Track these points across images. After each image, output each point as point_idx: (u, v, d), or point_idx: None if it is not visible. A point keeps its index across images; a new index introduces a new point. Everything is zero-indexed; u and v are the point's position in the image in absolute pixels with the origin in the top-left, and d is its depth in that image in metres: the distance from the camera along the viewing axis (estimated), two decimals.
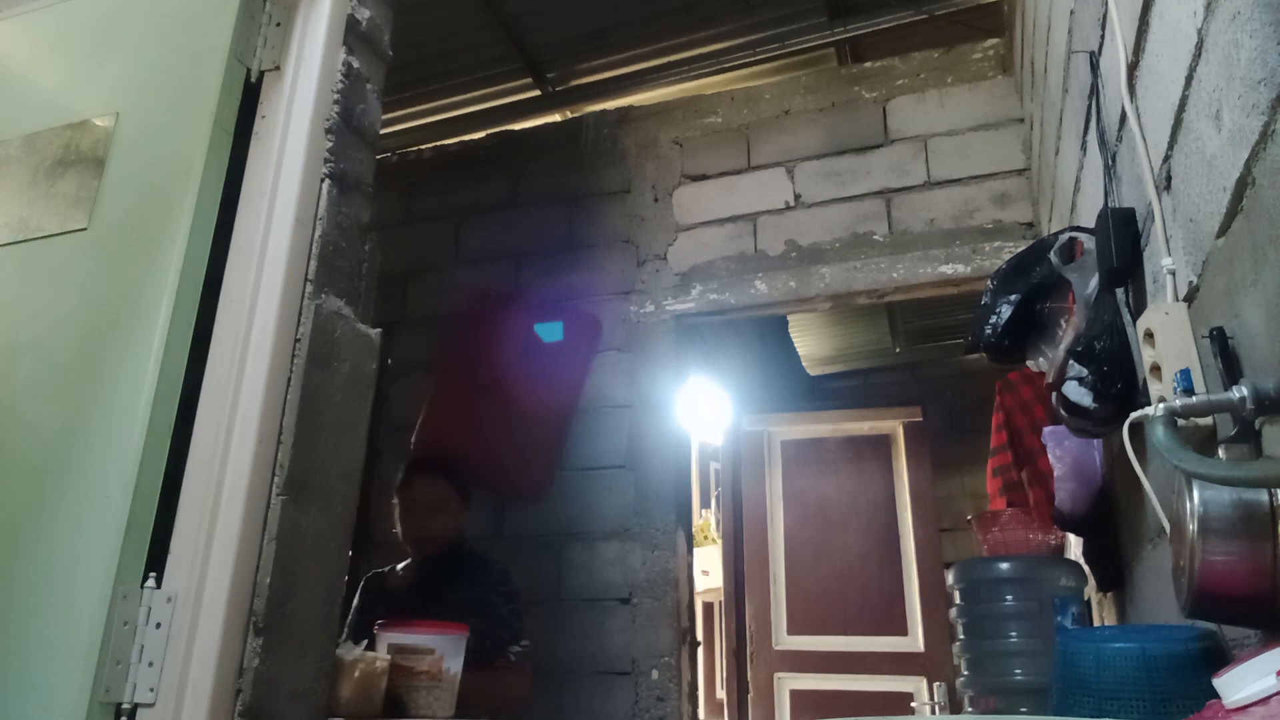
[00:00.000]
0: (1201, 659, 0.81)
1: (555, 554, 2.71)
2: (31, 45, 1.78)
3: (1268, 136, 0.71)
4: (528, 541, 2.76)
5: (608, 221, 3.03)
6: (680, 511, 2.68)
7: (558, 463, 2.77)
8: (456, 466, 2.39)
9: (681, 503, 2.70)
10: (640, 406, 2.76)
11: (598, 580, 2.64)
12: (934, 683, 3.72)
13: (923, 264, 2.59)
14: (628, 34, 2.93)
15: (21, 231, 1.55)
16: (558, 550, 2.72)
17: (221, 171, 1.48)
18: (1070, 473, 1.66)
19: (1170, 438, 0.71)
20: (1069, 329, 1.31)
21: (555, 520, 2.74)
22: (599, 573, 2.64)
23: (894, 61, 2.83)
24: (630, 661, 2.55)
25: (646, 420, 2.74)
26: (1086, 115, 1.46)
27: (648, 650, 2.54)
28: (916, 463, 4.15)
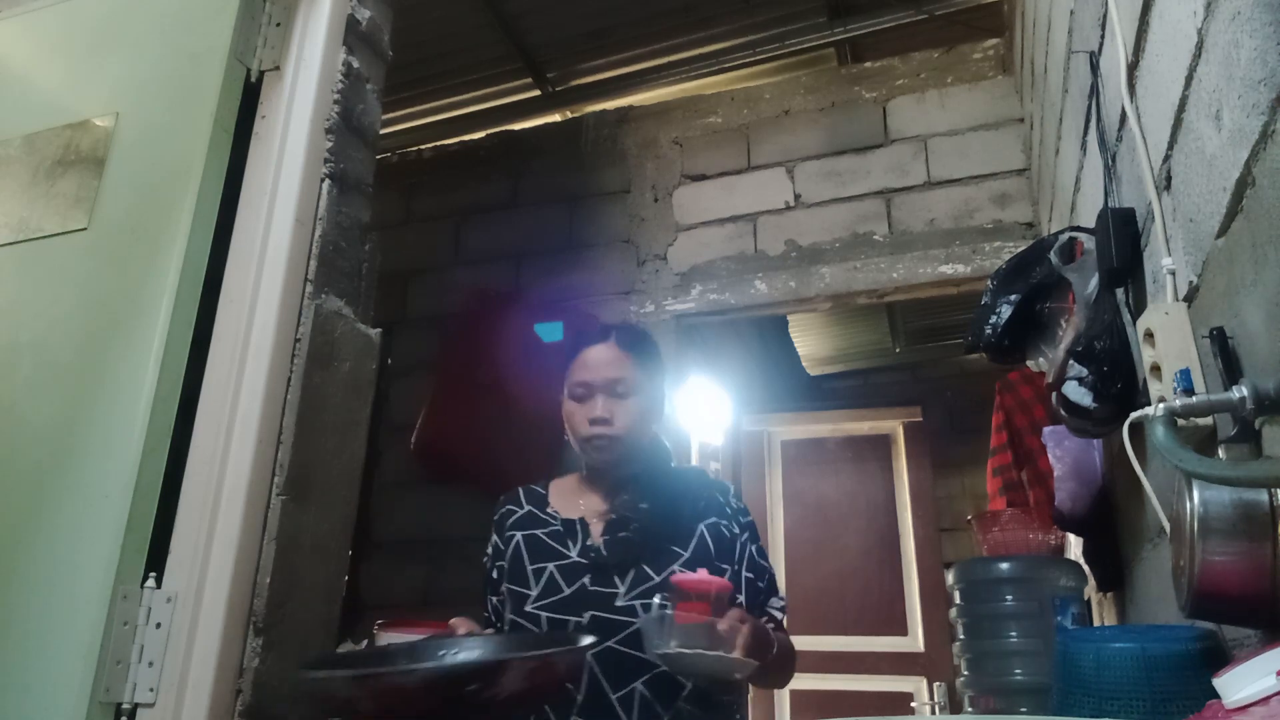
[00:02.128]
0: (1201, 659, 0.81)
1: None
2: (31, 45, 1.78)
3: (1268, 136, 0.71)
4: None
5: (608, 221, 3.02)
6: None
7: (557, 463, 2.76)
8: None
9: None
10: None
11: None
12: (934, 683, 3.72)
13: (923, 264, 2.59)
14: (628, 34, 2.93)
15: (21, 231, 1.56)
16: None
17: (221, 171, 1.48)
18: (1070, 473, 1.66)
19: (1170, 438, 0.71)
20: (1069, 329, 1.31)
21: None
22: None
23: (894, 61, 2.83)
24: None
25: None
26: (1086, 115, 1.46)
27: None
28: (916, 463, 4.15)
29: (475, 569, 1.52)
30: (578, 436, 1.38)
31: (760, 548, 1.42)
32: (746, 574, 1.36)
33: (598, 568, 1.30)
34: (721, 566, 1.32)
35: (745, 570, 1.36)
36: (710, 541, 1.35)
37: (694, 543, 1.34)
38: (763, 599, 1.38)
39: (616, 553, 1.31)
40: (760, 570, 1.39)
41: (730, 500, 1.43)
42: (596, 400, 1.36)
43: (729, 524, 1.39)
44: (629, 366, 1.39)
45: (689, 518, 1.36)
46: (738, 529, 1.39)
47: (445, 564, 2.91)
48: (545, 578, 1.32)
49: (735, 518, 1.41)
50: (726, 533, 1.37)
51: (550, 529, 1.38)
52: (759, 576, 1.39)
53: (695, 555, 1.32)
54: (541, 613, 1.28)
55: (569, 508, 1.41)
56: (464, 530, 2.70)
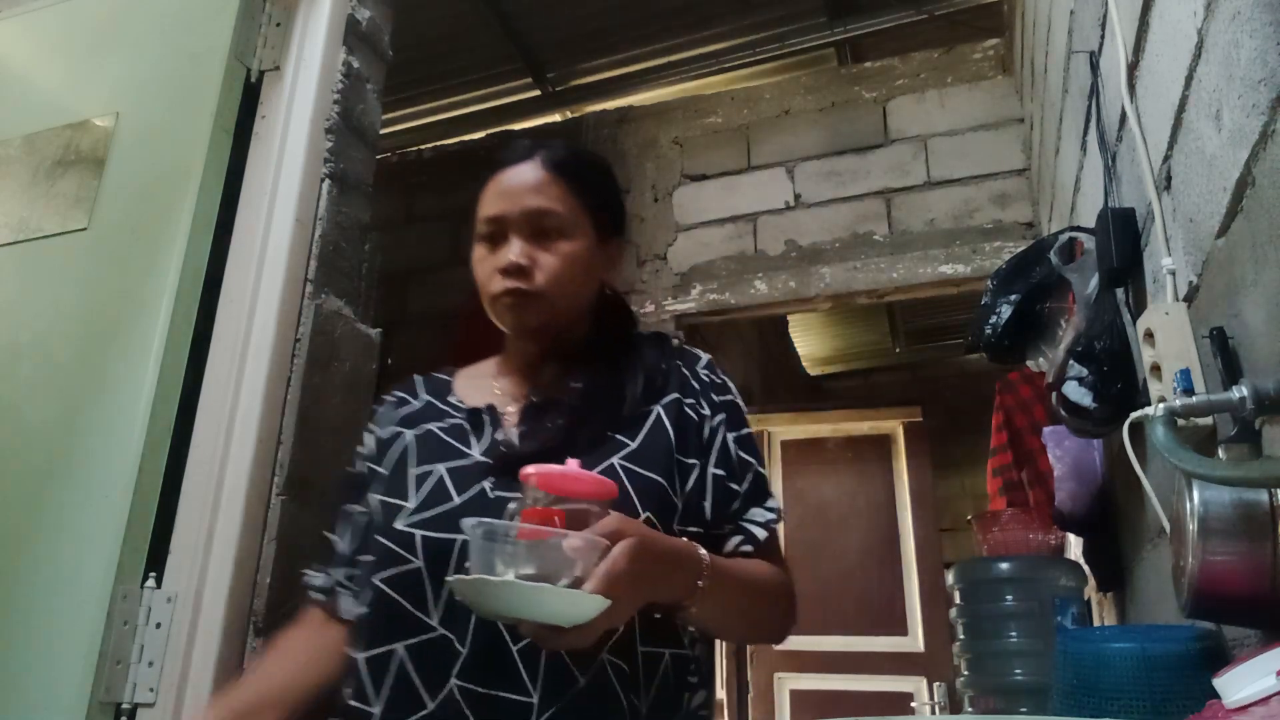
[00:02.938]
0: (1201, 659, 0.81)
1: None
2: (31, 45, 1.78)
3: (1268, 136, 0.71)
4: None
5: None
6: None
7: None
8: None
9: None
10: None
11: None
12: (934, 683, 3.71)
13: (923, 264, 2.59)
14: (628, 34, 2.94)
15: (21, 231, 1.56)
16: None
17: (221, 171, 1.48)
18: (1070, 473, 1.66)
19: (1170, 438, 0.71)
20: (1069, 329, 1.31)
21: None
22: None
23: (894, 61, 2.83)
24: None
25: None
26: (1086, 115, 1.46)
27: None
28: (916, 463, 4.15)
29: None
30: (486, 295, 1.00)
31: (744, 437, 1.02)
32: (715, 471, 0.97)
33: (507, 467, 0.89)
34: (688, 461, 0.95)
35: (714, 466, 0.97)
36: (670, 428, 0.96)
37: (645, 431, 0.95)
38: (738, 507, 0.97)
39: (534, 444, 0.93)
40: (737, 466, 0.99)
41: (701, 372, 1.04)
42: (511, 242, 0.97)
43: (697, 403, 1.00)
44: (561, 196, 0.99)
45: (640, 397, 0.98)
46: (708, 409, 1.00)
47: None
48: (430, 484, 0.93)
49: (706, 394, 1.02)
50: (693, 415, 0.99)
51: (450, 423, 1.00)
52: (734, 475, 0.98)
53: (646, 447, 0.94)
54: (417, 531, 0.89)
55: (479, 394, 1.03)
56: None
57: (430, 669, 0.86)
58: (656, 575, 0.80)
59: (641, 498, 0.89)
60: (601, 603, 0.71)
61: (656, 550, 0.80)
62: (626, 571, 0.73)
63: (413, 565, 0.89)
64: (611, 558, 0.73)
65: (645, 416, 0.97)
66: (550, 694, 0.84)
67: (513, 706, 0.84)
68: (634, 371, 1.01)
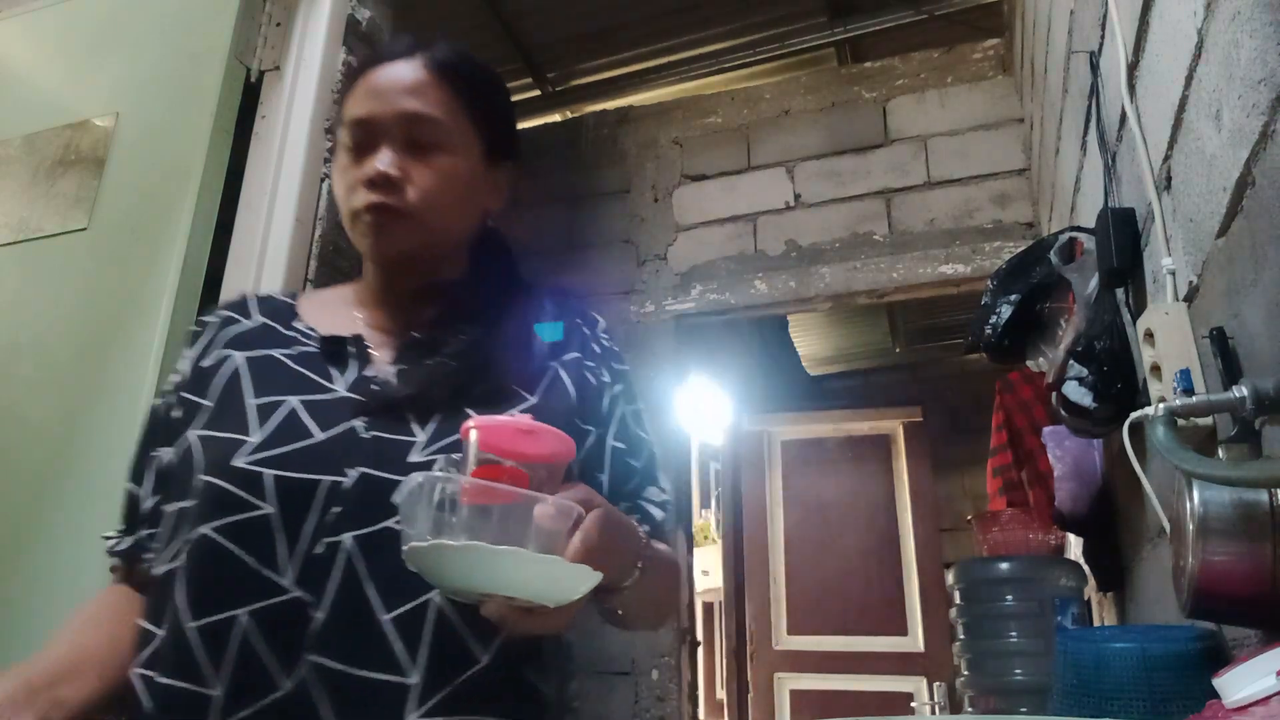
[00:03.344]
0: (1201, 659, 0.81)
1: None
2: (31, 45, 1.78)
3: (1268, 136, 0.71)
4: None
5: (608, 221, 3.02)
6: (680, 511, 2.68)
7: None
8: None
9: (681, 503, 2.70)
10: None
11: None
12: (934, 683, 3.72)
13: (923, 264, 2.59)
14: (628, 34, 2.94)
15: (21, 231, 1.56)
16: None
17: (221, 171, 1.48)
18: (1070, 473, 1.66)
19: (1170, 438, 0.71)
20: (1069, 329, 1.31)
21: None
22: None
23: (894, 61, 2.83)
24: (630, 661, 2.55)
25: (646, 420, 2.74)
26: (1086, 115, 1.46)
27: (648, 650, 2.54)
28: (916, 463, 4.15)
29: None
30: (346, 213, 0.85)
31: (639, 412, 0.93)
32: (615, 444, 0.88)
33: (382, 407, 0.78)
34: (585, 427, 0.85)
35: (613, 439, 0.88)
36: (571, 387, 0.86)
37: (544, 386, 0.84)
38: (635, 485, 0.89)
39: (415, 388, 0.79)
40: (636, 443, 0.91)
41: (601, 337, 0.94)
42: (381, 151, 0.83)
43: (597, 368, 0.90)
44: (444, 102, 0.85)
45: (540, 351, 0.88)
46: (608, 377, 0.91)
47: None
48: (280, 417, 0.77)
49: (606, 361, 0.92)
50: (593, 380, 0.89)
51: (299, 350, 0.84)
52: (634, 451, 0.90)
53: (547, 404, 0.82)
54: (266, 470, 0.73)
55: (335, 323, 0.88)
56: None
57: (282, 641, 0.69)
58: (617, 551, 0.69)
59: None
60: (595, 577, 0.62)
61: (617, 524, 0.70)
62: (599, 545, 0.63)
63: (260, 511, 0.72)
64: (585, 528, 0.62)
65: (544, 373, 0.86)
66: (436, 676, 0.70)
67: (383, 690, 0.69)
68: (533, 321, 0.90)
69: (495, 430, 0.65)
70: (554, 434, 0.67)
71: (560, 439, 0.68)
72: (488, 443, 0.64)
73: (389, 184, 0.82)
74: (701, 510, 5.55)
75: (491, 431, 0.65)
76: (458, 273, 0.92)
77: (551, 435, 0.67)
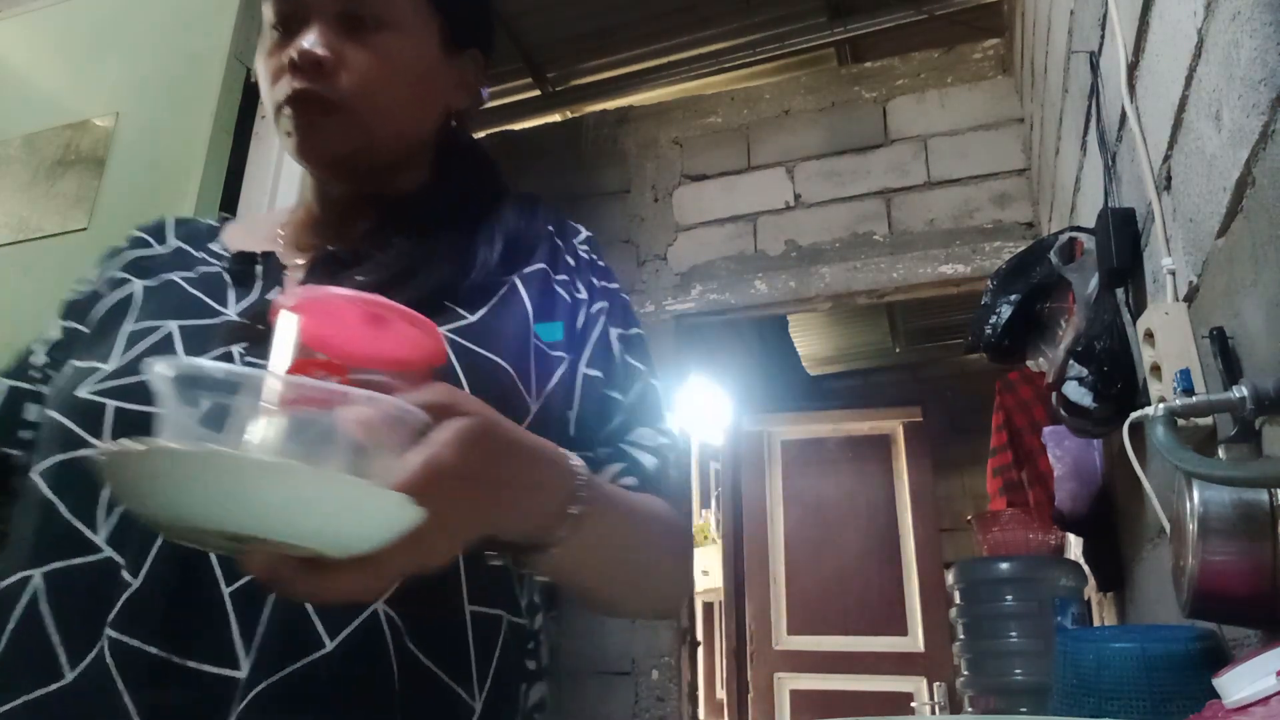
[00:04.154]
0: (1201, 659, 0.81)
1: None
2: (31, 45, 1.78)
3: (1268, 136, 0.71)
4: None
5: (608, 221, 3.02)
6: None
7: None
8: None
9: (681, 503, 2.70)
10: None
11: None
12: (934, 683, 3.72)
13: (923, 264, 2.59)
14: (628, 34, 2.93)
15: (21, 231, 1.56)
16: None
17: (221, 171, 1.48)
18: (1070, 473, 1.66)
19: (1170, 438, 0.71)
20: (1069, 329, 1.31)
21: None
22: None
23: (894, 61, 2.83)
24: (630, 661, 2.55)
25: None
26: (1086, 115, 1.46)
27: (648, 650, 2.54)
28: (916, 463, 4.15)
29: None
30: (271, 106, 0.70)
31: (633, 337, 0.75)
32: (589, 371, 0.70)
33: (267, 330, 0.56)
34: (551, 352, 0.69)
35: (587, 365, 0.70)
36: (527, 303, 0.70)
37: (492, 304, 0.68)
38: (620, 424, 0.70)
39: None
40: (620, 370, 0.72)
41: (580, 248, 0.77)
42: (311, 28, 0.68)
43: (571, 282, 0.73)
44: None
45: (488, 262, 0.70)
46: (585, 292, 0.74)
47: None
48: (148, 343, 0.63)
49: (584, 274, 0.75)
50: (565, 295, 0.72)
51: (202, 272, 0.71)
52: (616, 380, 0.71)
53: (490, 322, 0.67)
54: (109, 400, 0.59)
55: (254, 242, 0.74)
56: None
57: (75, 613, 0.54)
58: (507, 485, 0.48)
59: (474, 385, 0.60)
60: (407, 511, 0.39)
61: (510, 445, 0.49)
62: (457, 469, 0.43)
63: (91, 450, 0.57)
64: (433, 442, 0.43)
65: (495, 288, 0.69)
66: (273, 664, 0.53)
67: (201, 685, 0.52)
68: (489, 232, 0.72)
69: (320, 310, 0.45)
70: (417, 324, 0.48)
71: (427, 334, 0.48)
72: (306, 330, 0.45)
73: (317, 68, 0.66)
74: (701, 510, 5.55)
75: (315, 312, 0.45)
76: (414, 184, 0.75)
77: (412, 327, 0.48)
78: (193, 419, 0.40)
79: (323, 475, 0.38)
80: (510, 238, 0.72)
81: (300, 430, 0.40)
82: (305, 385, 0.42)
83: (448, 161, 0.78)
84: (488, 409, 0.48)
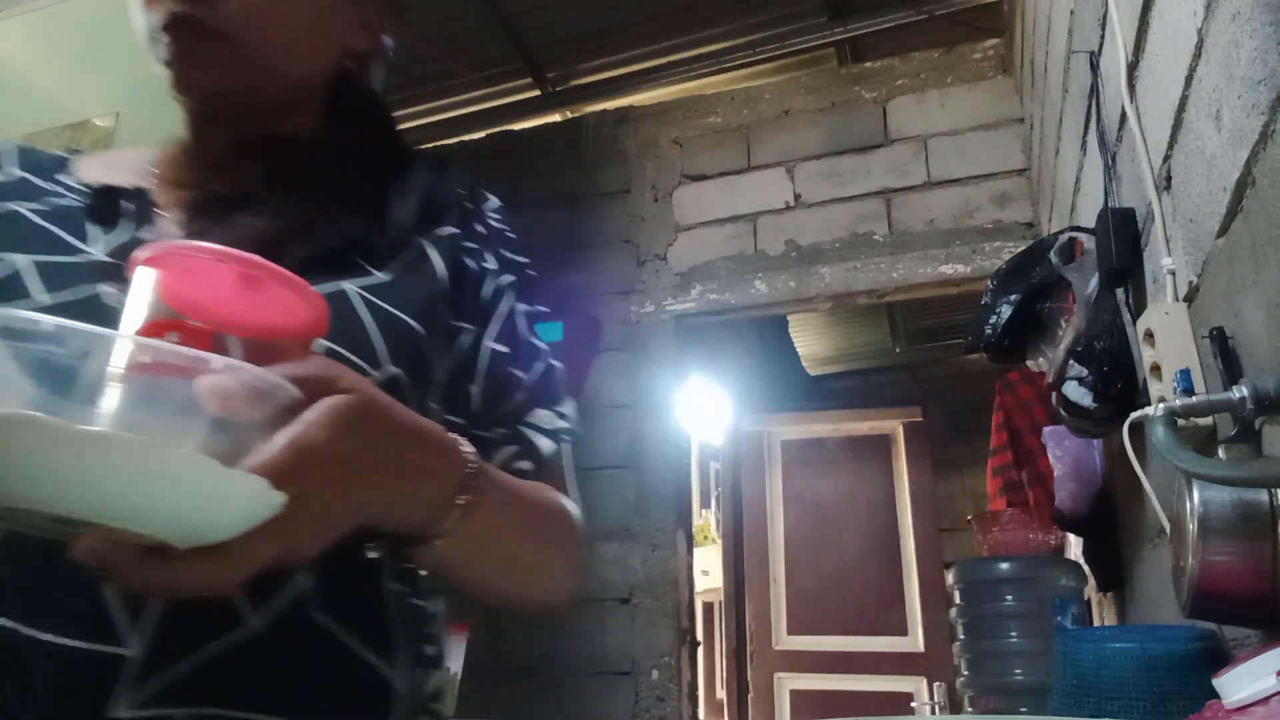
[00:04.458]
0: (1201, 659, 0.81)
1: None
2: (31, 45, 1.78)
3: (1268, 136, 0.71)
4: None
5: (608, 221, 3.03)
6: (680, 511, 2.68)
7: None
8: None
9: (681, 503, 2.70)
10: (640, 406, 2.76)
11: (597, 580, 2.64)
12: (934, 683, 3.72)
13: (923, 264, 2.59)
14: (628, 34, 2.93)
15: None
16: None
17: None
18: (1070, 473, 1.66)
19: (1170, 438, 0.71)
20: (1069, 329, 1.31)
21: None
22: (599, 573, 2.64)
23: (894, 61, 2.83)
24: (630, 661, 2.55)
25: (646, 420, 2.74)
26: (1086, 115, 1.46)
27: (648, 650, 2.54)
28: (916, 463, 4.15)
29: None
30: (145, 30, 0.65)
31: (540, 314, 0.75)
32: (494, 345, 0.67)
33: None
34: (457, 324, 0.65)
35: (492, 339, 0.67)
36: (436, 268, 0.65)
37: (404, 263, 0.64)
38: (520, 403, 0.67)
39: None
40: (528, 351, 0.70)
41: (488, 216, 0.73)
42: None
43: (479, 252, 0.69)
44: None
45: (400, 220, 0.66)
46: (493, 263, 0.70)
47: None
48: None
49: (494, 245, 0.71)
50: (473, 265, 0.68)
51: (53, 204, 0.63)
52: (520, 358, 0.69)
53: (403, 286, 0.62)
54: None
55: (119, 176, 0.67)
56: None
57: None
58: (387, 471, 0.45)
59: (390, 348, 0.57)
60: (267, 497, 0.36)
61: (393, 427, 0.46)
62: (329, 452, 0.40)
63: None
64: (304, 421, 0.39)
65: (405, 248, 0.64)
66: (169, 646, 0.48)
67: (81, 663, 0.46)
68: (402, 189, 0.67)
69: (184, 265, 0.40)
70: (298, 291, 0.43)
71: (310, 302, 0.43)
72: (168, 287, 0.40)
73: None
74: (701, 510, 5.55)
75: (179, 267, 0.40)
76: (304, 130, 0.68)
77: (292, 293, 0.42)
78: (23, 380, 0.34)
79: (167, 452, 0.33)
80: (423, 197, 0.68)
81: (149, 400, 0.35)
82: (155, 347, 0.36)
83: (343, 109, 0.71)
84: (370, 387, 0.45)
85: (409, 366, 0.57)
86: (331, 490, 0.40)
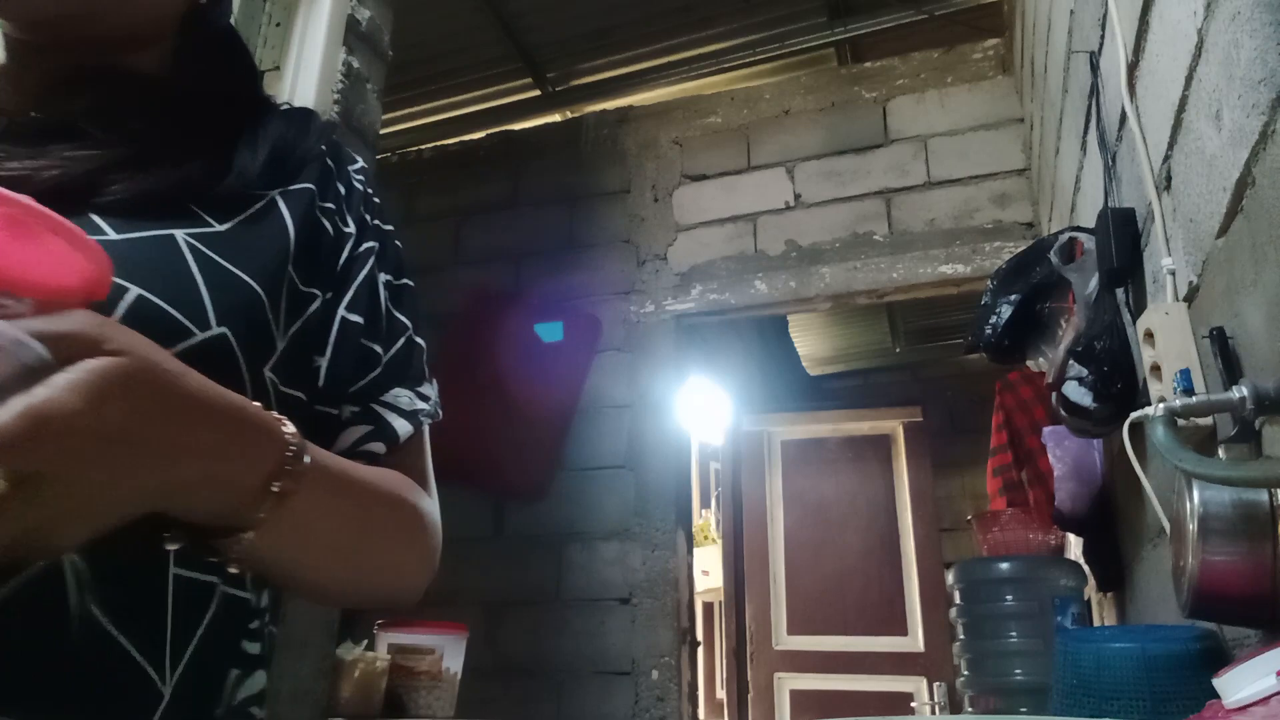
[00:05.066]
0: (1201, 659, 0.81)
1: (555, 554, 2.72)
2: None
3: (1268, 136, 0.71)
4: (528, 542, 2.76)
5: (608, 221, 3.03)
6: (680, 511, 2.68)
7: (557, 463, 2.77)
8: None
9: (681, 503, 2.70)
10: (640, 406, 2.76)
11: (597, 580, 2.64)
12: (934, 683, 3.72)
13: (923, 264, 2.59)
14: (628, 34, 2.93)
15: None
16: (557, 550, 2.72)
17: None
18: (1070, 473, 1.66)
19: (1170, 438, 0.71)
20: (1069, 329, 1.31)
21: (555, 520, 2.74)
22: (599, 573, 2.64)
23: (894, 61, 2.83)
24: (630, 661, 2.55)
25: (646, 420, 2.74)
26: (1086, 115, 1.46)
27: (648, 650, 2.54)
28: (916, 463, 4.15)
29: (475, 568, 1.52)
30: None
31: (403, 287, 0.68)
32: (348, 315, 0.61)
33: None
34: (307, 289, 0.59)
35: (346, 308, 0.61)
36: (288, 223, 0.59)
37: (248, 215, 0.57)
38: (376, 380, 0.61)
39: (19, 172, 0.50)
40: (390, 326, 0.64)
41: (353, 176, 0.68)
42: None
43: (339, 212, 0.64)
44: None
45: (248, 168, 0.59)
46: (352, 226, 0.64)
47: (444, 564, 2.91)
48: None
49: (354, 206, 0.65)
50: (328, 226, 0.62)
51: None
52: (377, 331, 0.63)
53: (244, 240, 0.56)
54: None
55: None
56: (463, 530, 2.70)
57: None
58: (173, 451, 0.39)
59: (221, 306, 0.51)
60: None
61: (180, 400, 0.40)
62: (82, 425, 0.35)
63: None
64: (50, 385, 0.34)
65: (252, 201, 0.58)
66: None
67: None
68: (252, 136, 0.61)
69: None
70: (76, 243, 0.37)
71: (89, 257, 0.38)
72: None
73: None
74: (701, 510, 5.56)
75: None
76: (151, 67, 0.62)
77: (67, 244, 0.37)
78: None
79: None
80: (277, 147, 0.61)
81: None
82: None
83: (194, 46, 0.64)
84: (152, 349, 0.39)
85: (242, 329, 0.51)
86: (88, 470, 0.35)
